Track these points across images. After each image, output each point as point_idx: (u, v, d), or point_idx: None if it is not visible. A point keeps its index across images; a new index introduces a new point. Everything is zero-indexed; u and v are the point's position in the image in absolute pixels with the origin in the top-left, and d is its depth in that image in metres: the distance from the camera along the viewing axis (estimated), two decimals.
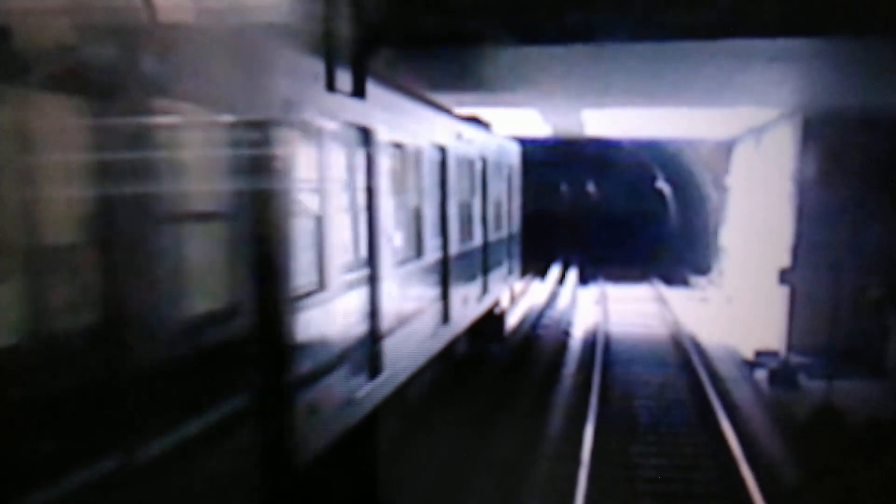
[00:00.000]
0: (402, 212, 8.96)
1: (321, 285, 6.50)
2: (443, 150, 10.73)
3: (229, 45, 5.12)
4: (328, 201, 6.67)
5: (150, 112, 4.22)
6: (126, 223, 4.03)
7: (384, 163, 8.14)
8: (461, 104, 13.93)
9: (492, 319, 15.14)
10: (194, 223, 4.70)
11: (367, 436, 7.85)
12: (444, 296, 10.83)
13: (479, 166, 13.19)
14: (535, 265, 23.80)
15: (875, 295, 14.76)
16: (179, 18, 4.49)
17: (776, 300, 16.64)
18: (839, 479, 9.75)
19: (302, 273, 6.06)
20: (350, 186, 7.32)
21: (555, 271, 30.71)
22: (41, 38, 3.43)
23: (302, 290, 6.04)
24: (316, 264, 6.45)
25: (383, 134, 8.09)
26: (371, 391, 7.64)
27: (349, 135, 7.25)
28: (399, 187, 8.85)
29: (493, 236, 14.48)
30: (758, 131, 20.49)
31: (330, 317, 6.70)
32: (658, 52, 10.50)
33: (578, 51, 10.41)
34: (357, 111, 7.32)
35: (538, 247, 22.81)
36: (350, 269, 7.21)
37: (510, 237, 16.69)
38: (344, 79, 6.99)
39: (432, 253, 10.21)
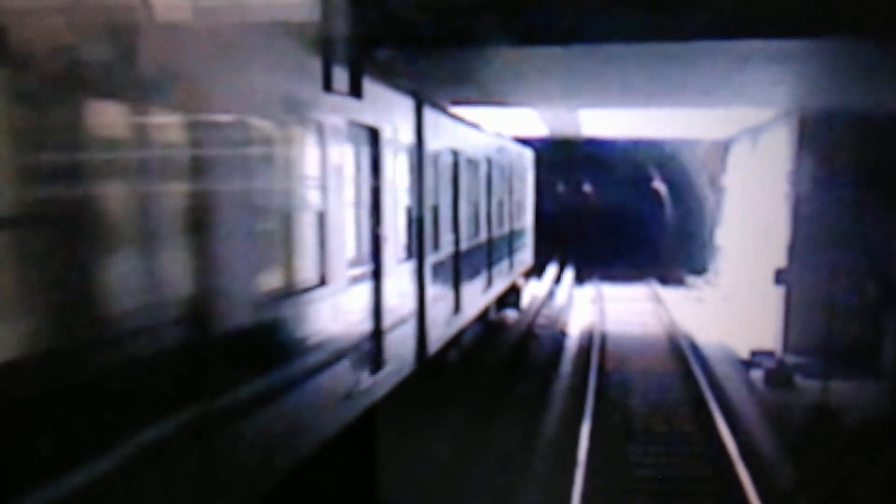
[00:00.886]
0: (471, 206, 13.13)
1: (436, 248, 10.47)
2: (489, 162, 14.73)
3: (396, 107, 8.88)
4: (440, 198, 10.44)
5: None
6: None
7: (464, 173, 12.14)
8: (458, 103, 13.94)
9: (513, 290, 19.42)
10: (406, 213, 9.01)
11: (453, 347, 12.19)
12: (489, 267, 14.77)
13: (507, 172, 17.35)
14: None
15: (871, 295, 14.78)
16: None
17: (772, 300, 16.68)
18: (835, 479, 9.76)
19: (430, 239, 10.08)
20: (447, 188, 11.05)
21: (551, 271, 30.69)
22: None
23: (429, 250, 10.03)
24: (433, 234, 10.33)
25: (464, 154, 12.21)
26: (455, 320, 11.70)
27: (450, 156, 11.35)
28: (471, 189, 12.86)
29: (516, 226, 18.90)
30: (754, 131, 20.52)
31: (437, 270, 10.31)
32: (655, 53, 10.50)
33: (576, 51, 10.42)
34: (454, 139, 11.45)
35: (535, 245, 23.05)
36: (445, 240, 10.89)
37: (525, 228, 21.18)
38: (447, 120, 11.18)
39: (482, 235, 14.15)
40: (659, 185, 36.10)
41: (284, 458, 5.77)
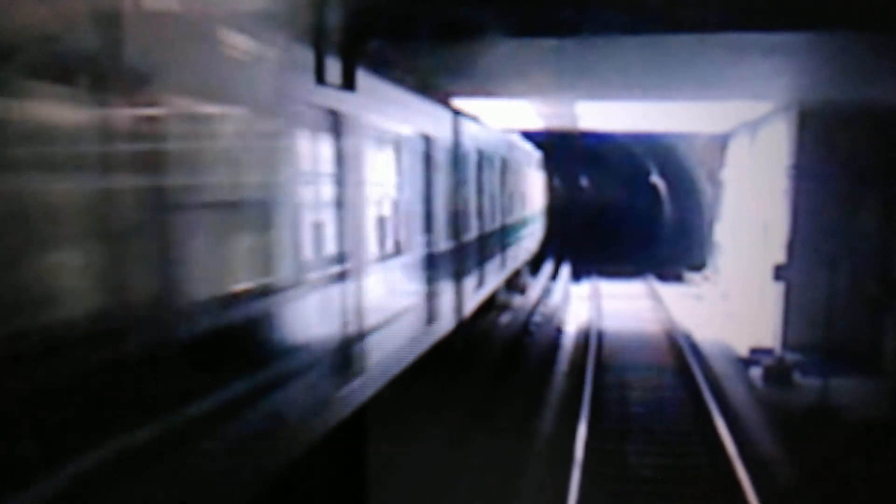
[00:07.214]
0: (506, 198, 16.98)
1: (493, 224, 14.51)
2: (505, 162, 17.09)
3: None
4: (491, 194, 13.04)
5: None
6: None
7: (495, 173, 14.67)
8: (453, 95, 13.78)
9: (523, 271, 22.31)
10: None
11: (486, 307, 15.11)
12: (503, 248, 17.11)
13: (522, 169, 20.70)
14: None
15: (871, 292, 14.64)
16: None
17: (771, 297, 16.53)
18: (834, 477, 9.64)
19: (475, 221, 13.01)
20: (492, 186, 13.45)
21: (547, 267, 30.57)
22: None
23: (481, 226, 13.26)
24: (491, 217, 14.25)
25: (502, 160, 15.30)
26: (480, 289, 13.59)
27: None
28: (508, 185, 16.70)
29: (528, 213, 21.98)
30: (753, 125, 20.37)
31: (474, 242, 12.27)
32: (652, 46, 10.36)
33: (572, 43, 10.28)
34: (499, 147, 14.15)
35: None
36: (479, 225, 12.81)
37: (536, 215, 24.89)
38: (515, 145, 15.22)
39: (502, 221, 16.58)
40: (656, 180, 35.96)
41: None
